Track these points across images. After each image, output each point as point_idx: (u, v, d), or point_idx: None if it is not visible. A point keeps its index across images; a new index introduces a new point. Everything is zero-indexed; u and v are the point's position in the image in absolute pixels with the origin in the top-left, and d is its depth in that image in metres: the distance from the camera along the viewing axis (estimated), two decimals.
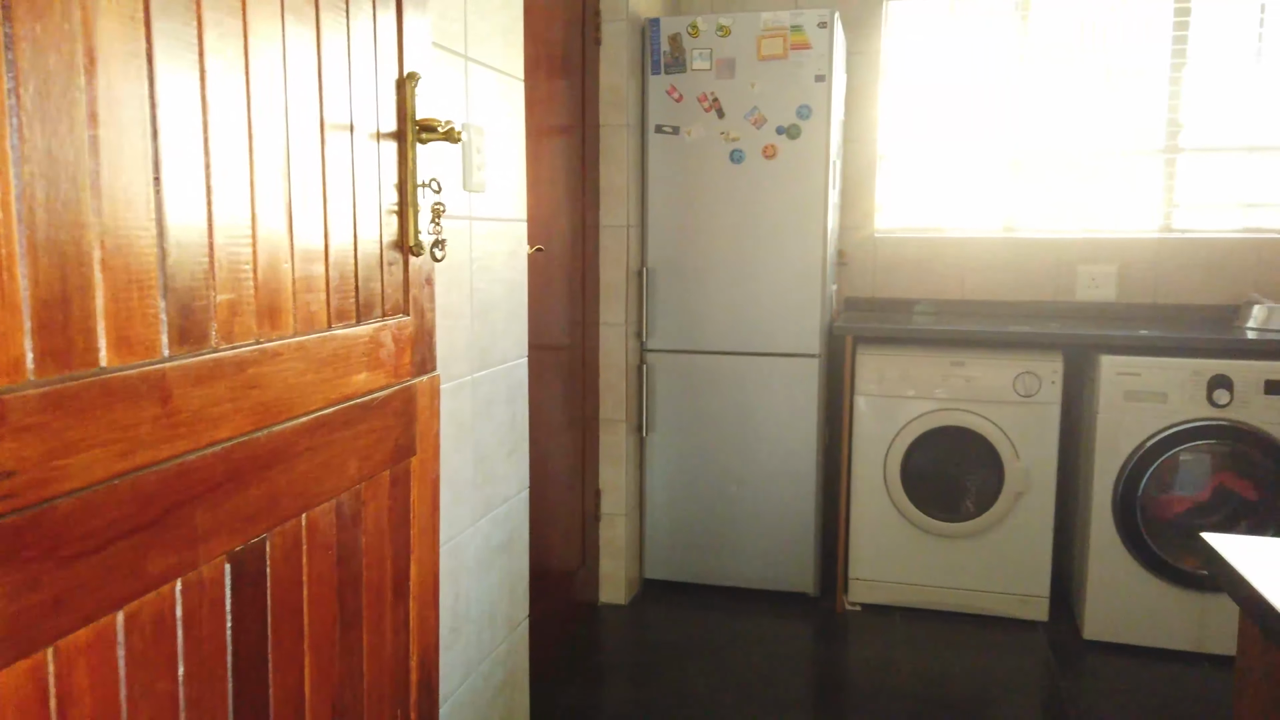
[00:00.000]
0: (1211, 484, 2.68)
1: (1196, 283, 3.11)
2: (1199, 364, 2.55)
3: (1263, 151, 3.07)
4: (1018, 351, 2.78)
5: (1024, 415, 2.77)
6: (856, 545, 2.96)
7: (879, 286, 3.39)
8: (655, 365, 3.03)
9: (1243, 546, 0.82)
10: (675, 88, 2.92)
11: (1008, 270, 3.27)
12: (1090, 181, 3.23)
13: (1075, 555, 2.84)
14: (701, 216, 2.95)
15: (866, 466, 2.91)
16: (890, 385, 2.86)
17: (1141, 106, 3.16)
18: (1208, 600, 2.61)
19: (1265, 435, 2.51)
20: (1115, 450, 2.63)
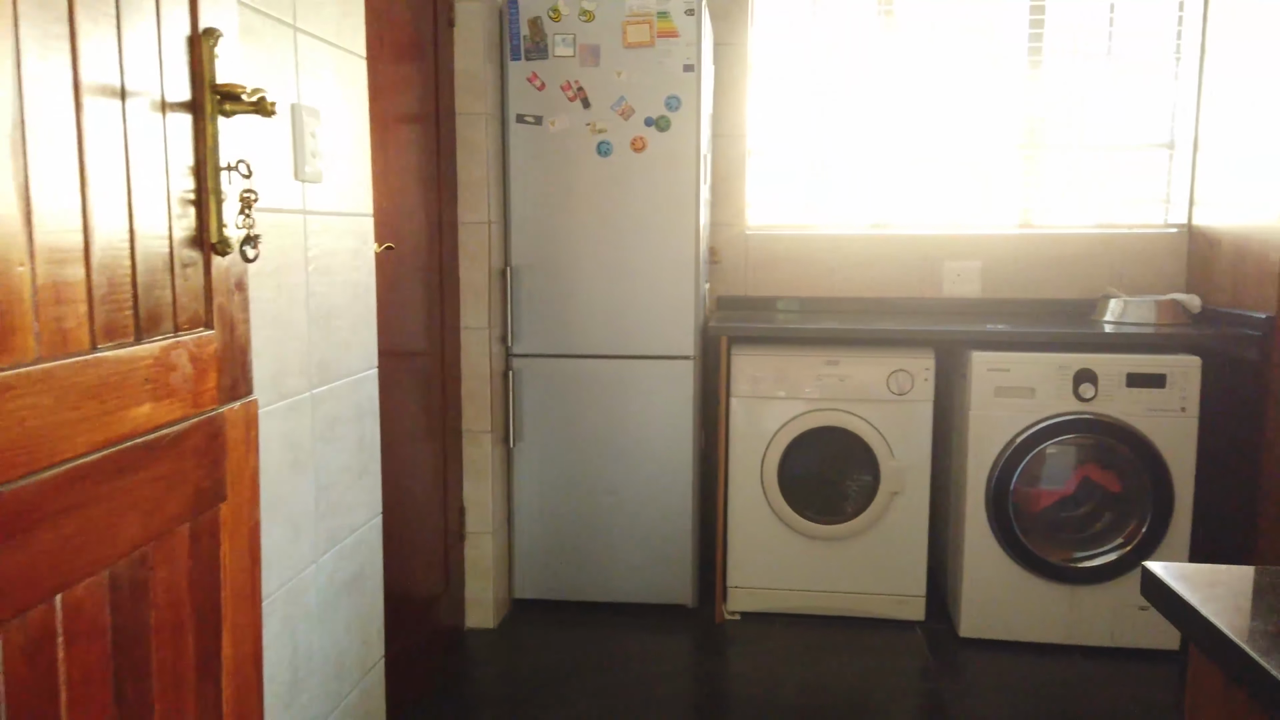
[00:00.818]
0: (1077, 477, 2.71)
1: (1056, 278, 3.17)
2: (1065, 359, 2.57)
3: (1115, 149, 3.15)
4: (890, 349, 2.75)
5: (898, 413, 2.74)
6: (735, 552, 2.86)
7: (751, 284, 3.31)
8: (522, 371, 2.85)
9: (1191, 577, 0.72)
10: (537, 75, 2.75)
11: (877, 266, 3.24)
12: (955, 178, 3.24)
13: (950, 553, 2.84)
14: (568, 212, 2.79)
15: (743, 471, 2.82)
16: (765, 386, 2.77)
17: (1001, 104, 3.19)
18: (1077, 592, 2.63)
19: (1127, 427, 2.55)
20: (987, 446, 2.63)
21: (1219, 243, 2.86)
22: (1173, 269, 3.11)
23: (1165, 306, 2.82)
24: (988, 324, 2.82)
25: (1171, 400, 2.53)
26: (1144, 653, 2.63)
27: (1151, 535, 2.57)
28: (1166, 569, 0.74)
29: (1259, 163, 2.63)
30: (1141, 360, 2.54)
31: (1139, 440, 2.55)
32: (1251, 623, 0.63)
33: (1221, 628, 0.63)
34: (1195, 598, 0.68)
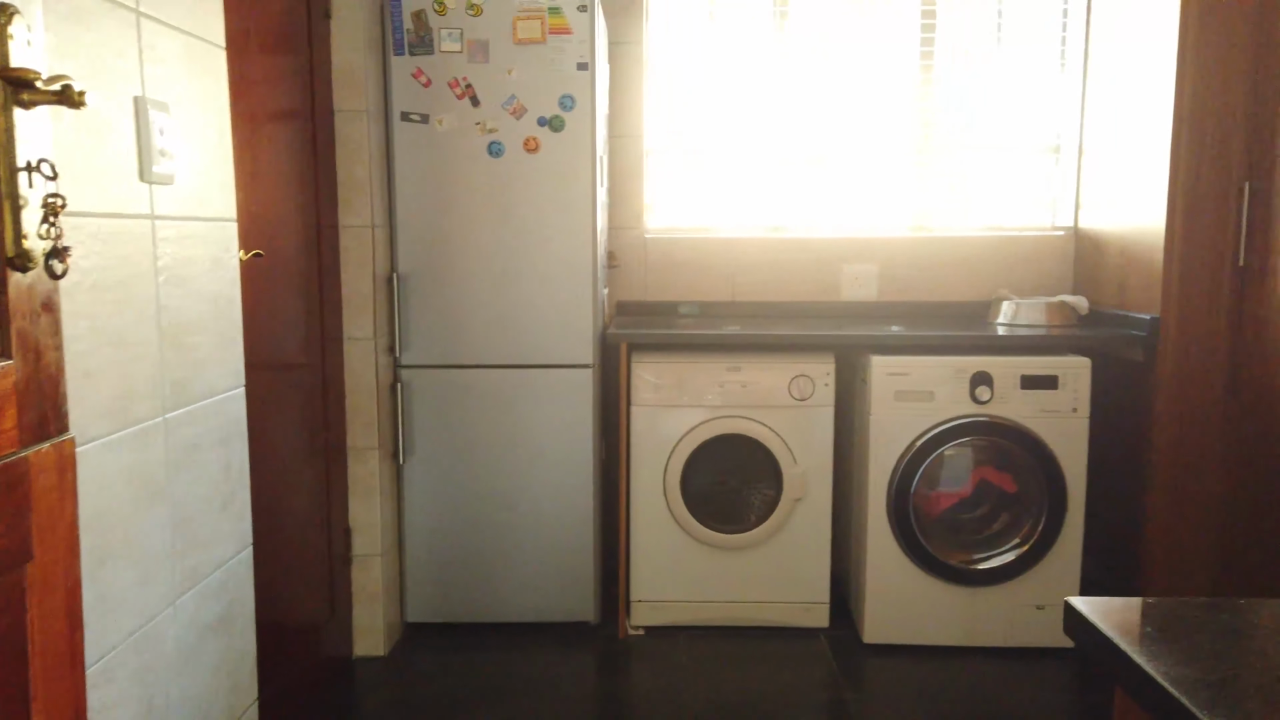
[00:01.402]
0: (974, 479, 2.73)
1: (950, 280, 3.20)
2: (962, 361, 2.58)
3: (1004, 152, 3.20)
4: (792, 354, 2.71)
5: (800, 419, 2.70)
6: (638, 565, 2.78)
7: (651, 289, 3.24)
8: (411, 383, 2.70)
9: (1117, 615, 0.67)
10: (422, 71, 2.61)
11: (777, 270, 3.21)
12: (851, 181, 3.24)
13: (853, 558, 2.82)
14: (459, 215, 2.66)
15: (646, 481, 2.74)
16: (667, 394, 2.70)
17: (894, 107, 3.20)
18: (976, 594, 2.65)
19: (1022, 429, 2.57)
20: (888, 450, 2.62)
21: (1104, 245, 2.93)
22: (1060, 271, 3.18)
23: (1055, 308, 2.87)
24: (885, 327, 2.81)
25: (1063, 401, 2.56)
26: (1039, 651, 2.66)
27: (1047, 534, 2.60)
28: (1091, 607, 0.69)
29: (1140, 167, 2.69)
30: (1034, 362, 2.57)
31: (1033, 441, 2.58)
32: (1186, 669, 0.58)
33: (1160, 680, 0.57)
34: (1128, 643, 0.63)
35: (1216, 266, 2.56)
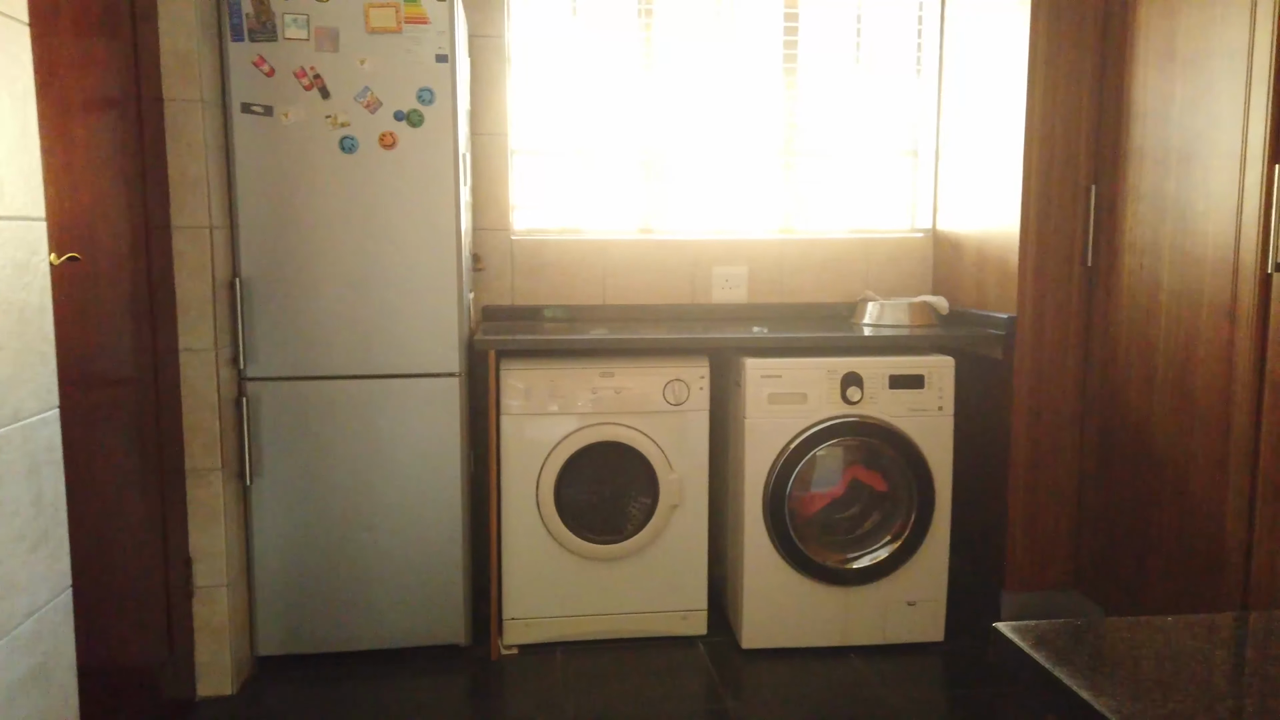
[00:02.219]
0: (846, 478, 2.74)
1: (817, 282, 3.22)
2: (833, 363, 2.59)
3: (865, 156, 3.25)
4: (665, 358, 2.65)
5: (675, 424, 2.65)
6: (510, 582, 2.66)
7: (519, 293, 3.12)
8: (259, 397, 2.49)
9: (1052, 641, 0.62)
10: (265, 59, 2.41)
11: (647, 273, 3.16)
12: (720, 182, 3.22)
13: (730, 563, 2.79)
14: (310, 215, 2.47)
15: (517, 493, 2.63)
16: (538, 402, 2.59)
17: (759, 109, 3.20)
18: (850, 594, 2.66)
19: (892, 428, 2.60)
20: (763, 453, 2.59)
21: (962, 247, 3.01)
22: (921, 271, 3.25)
23: (917, 308, 2.93)
24: (757, 329, 2.80)
25: (929, 400, 2.61)
26: (912, 647, 2.70)
27: (917, 532, 2.64)
28: (1019, 633, 0.64)
29: (994, 171, 2.78)
30: (902, 362, 2.60)
31: (902, 440, 2.61)
32: (1136, 705, 0.54)
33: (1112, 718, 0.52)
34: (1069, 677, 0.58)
35: (1067, 266, 2.66)
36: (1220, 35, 2.13)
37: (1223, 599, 2.15)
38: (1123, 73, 2.49)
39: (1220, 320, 2.15)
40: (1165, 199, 2.33)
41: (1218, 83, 2.14)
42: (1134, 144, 2.45)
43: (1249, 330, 2.06)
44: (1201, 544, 2.22)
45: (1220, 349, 2.15)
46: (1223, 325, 2.14)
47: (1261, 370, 2.03)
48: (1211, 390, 2.18)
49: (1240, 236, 2.08)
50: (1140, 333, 2.43)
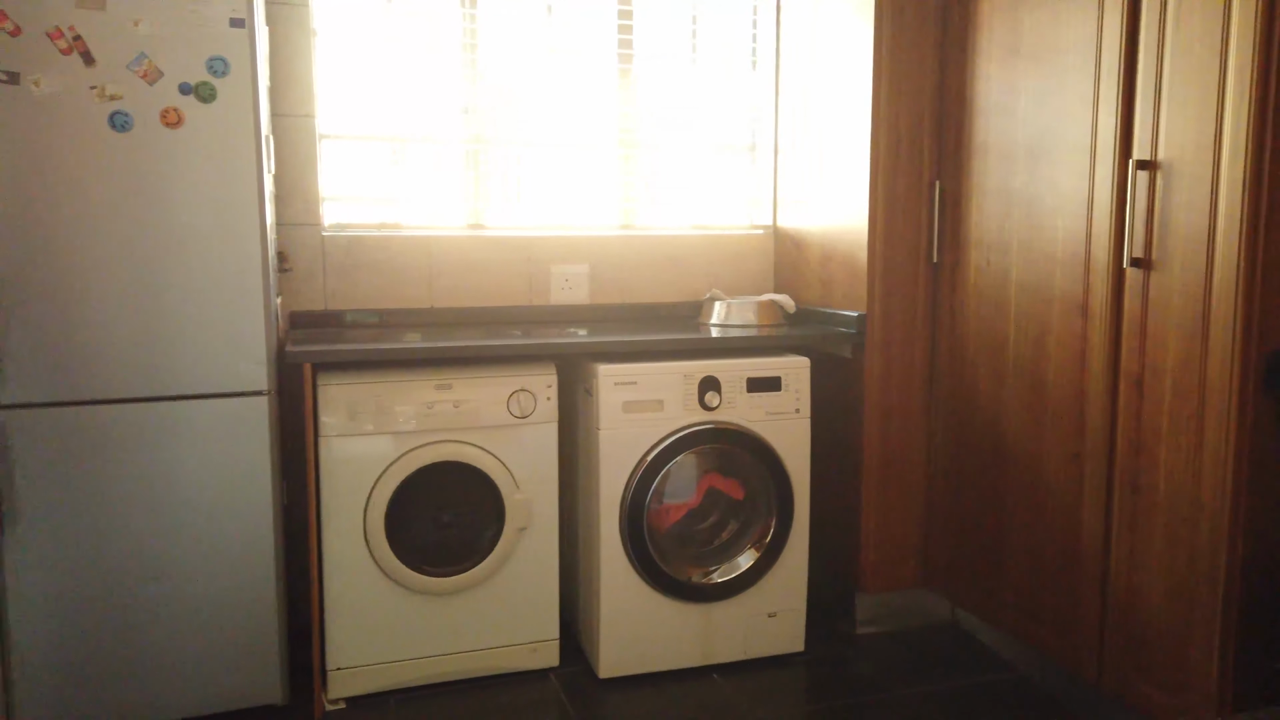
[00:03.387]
0: (701, 488, 2.60)
1: (660, 281, 3.07)
2: (690, 367, 2.43)
3: (704, 150, 3.12)
4: (508, 367, 2.40)
5: (522, 439, 2.41)
6: (335, 627, 2.32)
7: (332, 297, 2.77)
8: (14, 427, 2.03)
9: None
10: (8, 15, 1.96)
11: (479, 272, 2.89)
12: (557, 176, 3.00)
13: (584, 587, 2.58)
14: (72, 206, 2.03)
15: (341, 526, 2.30)
16: (365, 420, 2.28)
17: (596, 100, 3.00)
18: (712, 610, 2.52)
19: (750, 433, 2.48)
20: (619, 466, 2.40)
21: (805, 244, 2.94)
22: (762, 269, 3.17)
23: (765, 307, 2.83)
24: (604, 333, 2.60)
25: (787, 402, 2.51)
26: (773, 660, 2.59)
27: (777, 540, 2.53)
28: None
29: (838, 167, 2.72)
30: (759, 364, 2.49)
31: (761, 446, 2.49)
32: None
33: None
34: None
35: (913, 263, 2.63)
36: (1067, 29, 2.14)
37: (1081, 591, 2.17)
38: (964, 67, 2.48)
39: (1073, 315, 2.16)
40: (1013, 195, 2.33)
41: (1066, 78, 2.14)
42: (978, 140, 2.45)
43: (1103, 325, 2.07)
44: (1058, 537, 2.24)
45: (1073, 343, 2.16)
46: (1075, 320, 2.15)
47: (1116, 364, 2.05)
48: (1065, 384, 2.19)
49: (1092, 232, 2.09)
50: (990, 328, 2.43)
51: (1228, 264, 1.77)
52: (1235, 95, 1.74)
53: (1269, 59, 1.69)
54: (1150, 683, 1.99)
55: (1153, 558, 1.98)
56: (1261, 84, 1.70)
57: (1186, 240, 1.86)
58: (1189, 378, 1.87)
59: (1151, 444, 1.97)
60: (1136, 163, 1.95)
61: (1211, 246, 1.80)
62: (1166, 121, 1.89)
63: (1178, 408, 1.90)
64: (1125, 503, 2.04)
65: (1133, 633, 2.03)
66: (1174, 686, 1.93)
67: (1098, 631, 2.13)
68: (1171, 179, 1.88)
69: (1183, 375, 1.88)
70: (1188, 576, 1.89)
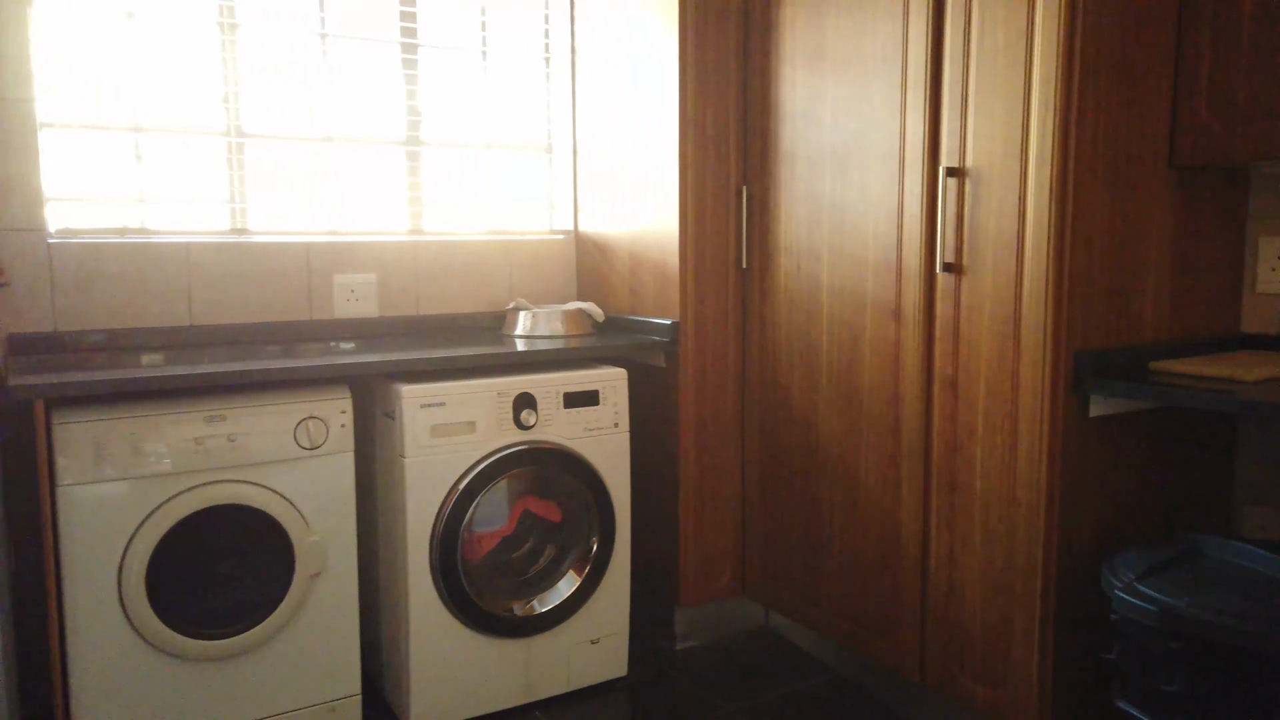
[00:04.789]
0: (516, 512, 2.42)
1: (458, 290, 2.84)
2: (503, 383, 2.24)
3: (497, 151, 2.94)
4: (294, 392, 2.11)
5: (312, 473, 2.11)
6: (83, 709, 1.93)
7: (65, 316, 2.32)
8: None
9: None
10: None
11: (250, 284, 2.54)
12: (336, 175, 2.69)
13: (389, 633, 2.31)
14: None
15: (90, 590, 1.91)
16: (116, 463, 1.90)
17: (378, 93, 2.73)
18: (532, 644, 2.34)
19: (570, 452, 2.33)
20: (429, 496, 2.17)
21: (611, 250, 2.83)
22: (565, 275, 3.03)
23: (573, 316, 2.69)
24: (400, 348, 2.36)
25: (605, 417, 2.38)
26: (596, 688, 2.46)
27: (599, 562, 2.40)
28: None
29: (644, 171, 2.63)
30: (575, 378, 2.34)
31: (580, 464, 2.35)
32: None
33: None
34: None
35: (723, 270, 2.59)
36: (872, 36, 2.16)
37: (902, 591, 2.20)
38: (768, 71, 2.47)
39: (886, 320, 2.18)
40: (822, 200, 2.34)
41: (873, 84, 2.16)
42: (785, 145, 2.44)
43: (916, 329, 2.10)
44: (876, 538, 2.26)
45: (887, 348, 2.18)
46: (889, 325, 2.17)
47: (930, 367, 2.09)
48: (880, 388, 2.21)
49: (903, 238, 2.12)
50: (803, 334, 2.42)
51: (1037, 268, 1.83)
52: (1040, 104, 1.80)
53: (1071, 68, 1.76)
54: (973, 678, 2.04)
55: (971, 555, 2.03)
56: (1065, 92, 1.77)
57: (996, 245, 1.91)
58: (1002, 379, 1.92)
59: (967, 444, 2.01)
60: (946, 169, 1.99)
61: (1021, 251, 1.86)
62: (974, 129, 1.94)
63: (992, 408, 1.95)
64: (943, 502, 2.08)
65: (954, 630, 2.08)
66: (996, 681, 1.99)
67: (919, 630, 2.17)
68: (980, 186, 1.93)
69: (996, 376, 1.94)
70: (1006, 572, 1.95)
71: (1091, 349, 1.86)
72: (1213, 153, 1.86)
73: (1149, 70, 1.88)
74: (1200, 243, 2.03)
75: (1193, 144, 1.89)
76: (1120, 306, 1.91)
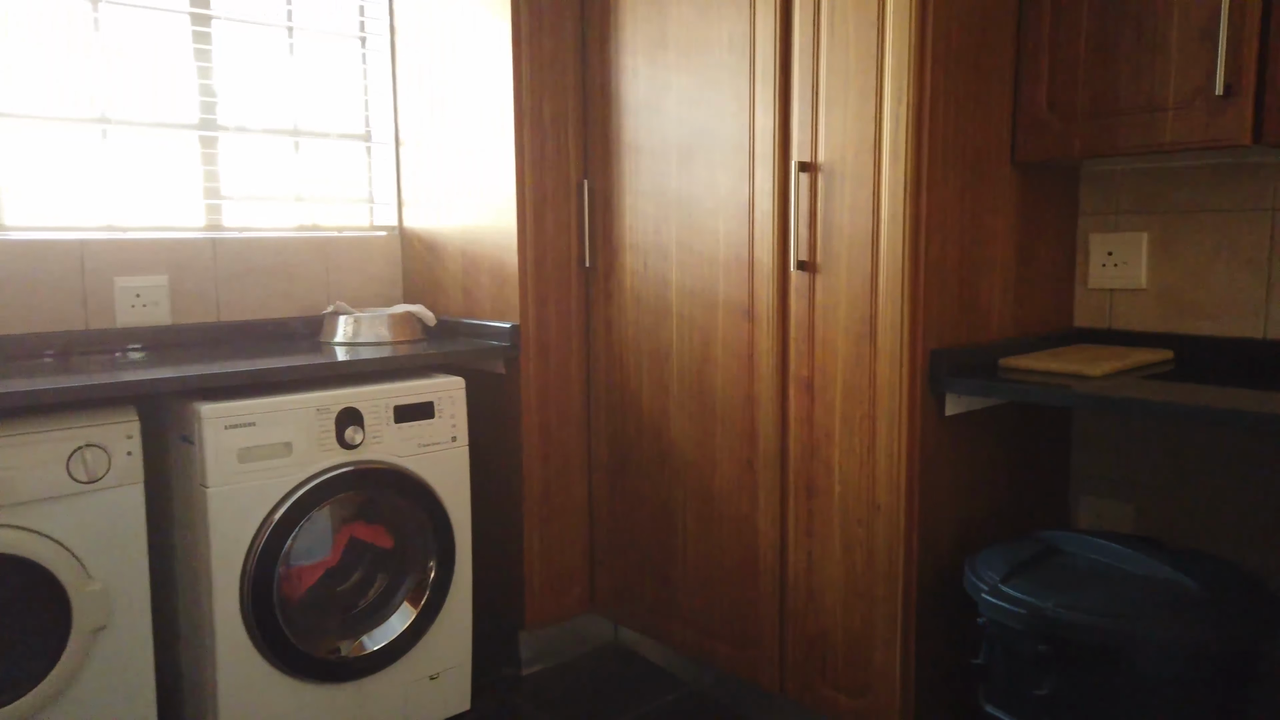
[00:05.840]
0: (341, 541, 2.17)
1: (265, 293, 2.54)
2: (324, 397, 1.99)
3: (307, 138, 2.65)
4: (67, 416, 1.78)
5: (92, 511, 1.79)
6: None
7: None
8: None
9: None
10: None
11: (8, 288, 2.15)
12: (115, 161, 2.33)
13: (192, 689, 2.01)
14: None
15: None
16: None
17: (166, 69, 2.39)
18: (364, 687, 2.10)
19: (403, 471, 2.10)
20: (238, 531, 1.89)
21: (441, 248, 2.61)
22: (389, 276, 2.78)
23: (401, 321, 2.45)
24: (202, 361, 2.06)
25: (442, 431, 2.17)
26: None
27: (437, 590, 2.19)
28: None
29: (473, 164, 2.43)
30: (406, 389, 2.12)
31: (415, 484, 2.13)
32: None
33: None
34: None
35: (565, 269, 2.44)
36: (717, 24, 2.06)
37: (760, 600, 2.12)
38: (608, 59, 2.33)
39: (739, 320, 2.09)
40: (668, 195, 2.22)
41: (720, 75, 2.07)
42: (628, 137, 2.31)
43: (770, 329, 2.03)
44: (733, 546, 2.17)
45: (741, 348, 2.10)
46: (742, 325, 2.09)
47: (785, 368, 2.02)
48: (734, 391, 2.12)
49: (755, 235, 2.04)
50: (651, 335, 2.31)
51: (893, 265, 1.79)
52: (893, 97, 1.75)
53: (924, 60, 1.72)
54: (834, 687, 1.99)
55: (831, 561, 1.97)
56: (919, 85, 1.73)
57: (851, 243, 1.86)
58: (859, 379, 1.87)
59: (825, 447, 1.95)
60: (798, 164, 1.92)
61: (876, 248, 1.82)
62: (826, 123, 1.87)
63: (849, 410, 1.90)
64: (801, 508, 2.02)
65: (814, 638, 2.02)
66: (859, 689, 1.94)
67: (778, 639, 2.10)
68: (833, 181, 1.87)
69: (853, 377, 1.88)
70: (867, 577, 1.90)
71: (946, 347, 1.84)
72: (1052, 149, 1.88)
73: (994, 65, 1.88)
74: (1039, 240, 2.06)
75: (1034, 141, 1.91)
76: (970, 304, 1.90)
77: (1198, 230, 1.98)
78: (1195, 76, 1.65)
